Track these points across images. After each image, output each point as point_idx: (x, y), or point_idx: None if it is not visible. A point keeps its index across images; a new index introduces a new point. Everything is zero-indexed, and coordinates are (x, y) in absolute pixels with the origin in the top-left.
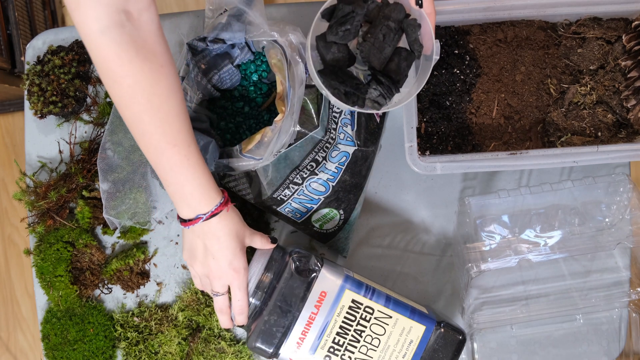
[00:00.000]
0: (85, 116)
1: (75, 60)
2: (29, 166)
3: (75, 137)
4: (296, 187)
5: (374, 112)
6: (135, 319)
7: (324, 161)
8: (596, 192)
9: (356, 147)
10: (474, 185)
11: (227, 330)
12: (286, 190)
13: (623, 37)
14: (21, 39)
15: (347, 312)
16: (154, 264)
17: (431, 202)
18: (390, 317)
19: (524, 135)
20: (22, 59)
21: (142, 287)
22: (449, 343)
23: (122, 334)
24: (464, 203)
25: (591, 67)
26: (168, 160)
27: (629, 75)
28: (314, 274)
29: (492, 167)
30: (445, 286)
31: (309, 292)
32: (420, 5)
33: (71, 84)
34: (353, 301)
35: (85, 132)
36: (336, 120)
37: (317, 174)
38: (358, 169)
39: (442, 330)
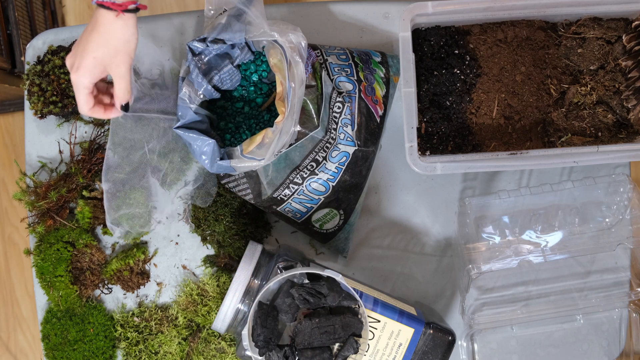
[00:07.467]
0: (85, 116)
1: None
2: (29, 166)
3: (75, 137)
4: (296, 187)
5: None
6: (135, 319)
7: (324, 161)
8: (596, 193)
9: (356, 147)
10: (474, 186)
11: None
12: (286, 190)
13: (623, 37)
14: (21, 39)
15: None
16: (154, 264)
17: (431, 202)
18: (379, 321)
19: (524, 135)
20: (22, 59)
21: (142, 287)
22: (438, 344)
23: (122, 334)
24: (464, 204)
25: (591, 67)
26: None
27: (629, 75)
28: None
29: (492, 167)
30: (445, 287)
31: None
32: None
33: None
34: None
35: (85, 132)
36: (336, 120)
37: (317, 174)
38: (358, 169)
39: (431, 332)
